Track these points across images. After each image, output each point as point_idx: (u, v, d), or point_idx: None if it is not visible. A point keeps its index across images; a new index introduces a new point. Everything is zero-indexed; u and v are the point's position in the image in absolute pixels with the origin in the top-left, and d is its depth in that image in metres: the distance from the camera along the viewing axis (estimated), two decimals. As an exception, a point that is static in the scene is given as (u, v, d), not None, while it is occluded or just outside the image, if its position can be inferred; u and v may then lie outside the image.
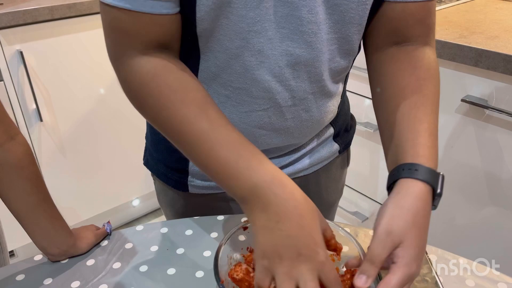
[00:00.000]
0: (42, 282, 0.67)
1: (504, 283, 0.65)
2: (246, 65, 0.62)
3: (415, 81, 0.64)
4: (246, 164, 0.54)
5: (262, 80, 0.63)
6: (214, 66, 0.63)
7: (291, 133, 0.72)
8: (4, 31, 1.53)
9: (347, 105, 0.85)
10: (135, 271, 0.68)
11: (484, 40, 1.22)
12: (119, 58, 0.59)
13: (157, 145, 0.81)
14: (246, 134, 0.68)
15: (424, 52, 0.66)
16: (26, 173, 0.65)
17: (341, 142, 0.84)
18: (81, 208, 1.95)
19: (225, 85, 0.65)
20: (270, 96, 0.65)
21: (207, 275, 0.67)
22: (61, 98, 1.74)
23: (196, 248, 0.73)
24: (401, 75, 0.65)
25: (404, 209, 0.54)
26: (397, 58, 0.66)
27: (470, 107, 1.26)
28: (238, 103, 0.66)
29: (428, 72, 0.65)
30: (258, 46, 0.60)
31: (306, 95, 0.67)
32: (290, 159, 0.78)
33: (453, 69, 1.27)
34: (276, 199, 0.52)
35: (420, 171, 0.56)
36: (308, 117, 0.71)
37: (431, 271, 0.66)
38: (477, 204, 1.37)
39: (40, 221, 0.67)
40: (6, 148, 0.64)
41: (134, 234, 0.76)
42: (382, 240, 0.52)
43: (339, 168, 0.88)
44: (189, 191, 0.80)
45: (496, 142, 1.25)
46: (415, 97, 0.62)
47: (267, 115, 0.68)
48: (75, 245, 0.71)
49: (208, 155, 0.56)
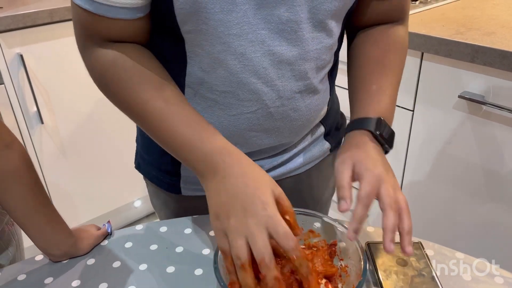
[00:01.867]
0: (44, 282, 0.67)
1: (501, 277, 0.66)
2: (230, 69, 0.62)
3: (380, 53, 0.72)
4: (198, 136, 0.58)
5: (247, 83, 0.64)
6: (199, 70, 0.64)
7: (282, 133, 0.72)
8: (4, 35, 1.54)
9: (336, 104, 0.86)
10: (135, 269, 0.69)
11: (481, 36, 1.22)
12: (84, 48, 0.63)
13: (148, 148, 0.81)
14: (236, 137, 0.70)
15: (395, 29, 0.74)
16: (24, 180, 0.66)
17: (332, 141, 0.84)
18: (82, 210, 1.96)
19: (211, 90, 0.66)
20: (257, 98, 0.66)
21: (206, 273, 0.68)
22: (61, 100, 1.75)
23: (195, 246, 0.73)
24: (369, 48, 0.73)
25: (348, 144, 0.64)
26: (369, 34, 0.74)
27: (468, 103, 1.27)
28: (226, 106, 0.67)
29: (393, 45, 0.73)
30: (240, 49, 0.61)
31: (293, 94, 0.68)
32: (282, 158, 0.79)
33: (450, 65, 1.27)
34: (224, 164, 0.56)
35: (362, 122, 0.65)
36: (297, 117, 0.71)
37: (428, 266, 0.67)
38: (476, 200, 1.38)
39: (40, 225, 0.68)
40: (2, 156, 0.64)
41: (134, 233, 0.77)
42: (339, 166, 0.60)
43: (331, 167, 0.89)
44: (182, 193, 0.81)
45: (494, 138, 1.26)
46: (375, 66, 0.71)
47: (255, 117, 0.68)
48: (75, 245, 0.71)
49: (165, 132, 0.60)
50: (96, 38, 0.61)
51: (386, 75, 0.70)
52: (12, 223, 0.84)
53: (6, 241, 0.82)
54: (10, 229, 0.82)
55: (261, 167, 0.76)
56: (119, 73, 0.61)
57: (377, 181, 0.57)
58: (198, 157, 0.58)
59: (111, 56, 0.61)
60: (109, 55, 0.61)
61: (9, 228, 0.82)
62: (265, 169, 0.78)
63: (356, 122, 0.66)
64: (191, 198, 0.81)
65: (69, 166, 1.86)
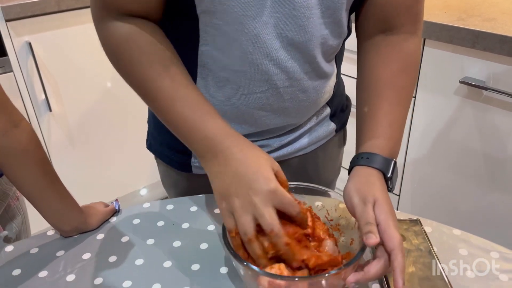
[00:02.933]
0: (55, 255, 0.70)
1: (497, 251, 0.67)
2: (244, 49, 0.64)
3: (389, 75, 0.69)
4: (200, 119, 0.60)
5: (259, 63, 0.66)
6: (213, 49, 0.66)
7: (289, 114, 0.74)
8: (13, 23, 1.56)
9: (342, 86, 0.88)
10: (142, 244, 0.72)
11: (481, 22, 1.23)
12: (99, 21, 0.64)
13: (160, 128, 0.83)
14: (246, 116, 0.72)
15: (406, 44, 0.70)
16: (32, 158, 0.68)
17: (337, 122, 0.86)
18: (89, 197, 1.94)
19: (224, 69, 0.67)
20: (267, 78, 0.68)
21: (211, 247, 0.70)
22: (69, 88, 1.77)
23: (201, 223, 0.76)
24: (377, 67, 0.70)
25: (363, 183, 0.61)
26: (379, 49, 0.71)
27: (468, 88, 1.28)
28: (237, 86, 0.69)
29: (404, 66, 0.70)
30: (254, 31, 0.63)
31: (301, 76, 0.70)
32: (289, 138, 0.81)
33: (451, 51, 1.28)
34: (222, 146, 0.59)
35: (374, 160, 0.63)
36: (305, 98, 0.73)
37: (426, 241, 0.68)
38: (476, 184, 1.39)
39: (50, 202, 0.70)
40: (10, 136, 0.66)
41: (141, 210, 0.80)
42: (363, 206, 0.59)
43: (336, 147, 0.91)
44: (192, 172, 0.83)
45: (495, 123, 1.27)
46: (385, 90, 0.68)
47: (265, 97, 0.70)
48: (85, 221, 0.74)
49: (169, 110, 0.62)
50: (112, 10, 0.62)
51: (399, 104, 0.68)
52: (17, 197, 0.86)
53: (11, 215, 0.84)
54: (15, 203, 0.85)
55: (269, 146, 0.79)
56: (132, 49, 0.62)
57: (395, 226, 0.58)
58: (198, 138, 0.60)
59: (126, 31, 0.62)
60: (125, 29, 0.62)
61: (14, 202, 0.85)
62: (272, 148, 0.80)
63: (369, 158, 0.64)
64: (201, 176, 0.82)
65: (76, 153, 1.88)
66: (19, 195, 0.88)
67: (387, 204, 0.59)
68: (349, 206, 0.61)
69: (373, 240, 0.55)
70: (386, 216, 0.57)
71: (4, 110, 0.66)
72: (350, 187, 0.61)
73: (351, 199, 0.60)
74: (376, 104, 0.68)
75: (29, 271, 0.67)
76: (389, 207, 0.59)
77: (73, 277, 0.66)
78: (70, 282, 0.65)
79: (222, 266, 0.66)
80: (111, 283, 0.65)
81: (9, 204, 0.84)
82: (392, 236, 0.56)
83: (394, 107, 0.68)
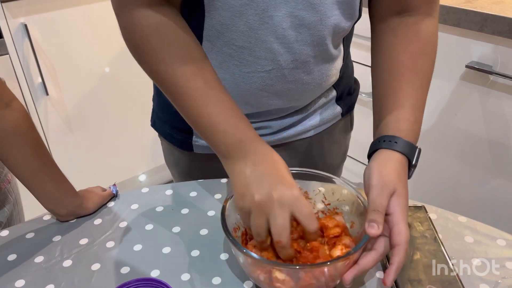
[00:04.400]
0: (51, 240, 0.69)
1: (503, 239, 0.66)
2: (250, 24, 0.62)
3: (409, 57, 0.67)
4: (235, 123, 0.59)
5: (265, 41, 0.64)
6: (218, 24, 0.64)
7: (292, 96, 0.73)
8: (8, 4, 1.53)
9: (350, 68, 0.86)
10: (141, 229, 0.70)
11: (490, 5, 1.21)
12: (122, 7, 0.60)
13: (163, 107, 0.83)
14: (248, 95, 0.70)
15: (424, 25, 0.67)
16: (24, 139, 0.66)
17: (343, 105, 0.84)
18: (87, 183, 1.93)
19: (229, 44, 0.66)
20: (272, 57, 0.66)
21: (211, 233, 0.69)
22: (66, 72, 1.75)
23: (200, 208, 0.74)
24: (396, 49, 0.68)
25: (387, 167, 0.59)
26: (396, 31, 0.68)
27: (475, 73, 1.26)
28: (241, 62, 0.67)
29: (423, 48, 0.67)
30: (262, 5, 0.61)
31: (308, 58, 0.68)
32: (292, 120, 0.79)
33: (458, 35, 1.26)
34: (256, 150, 0.58)
35: (399, 143, 0.61)
36: (309, 80, 0.71)
37: (430, 228, 0.67)
38: (482, 172, 1.38)
39: (45, 184, 0.69)
40: (1, 116, 0.63)
41: (140, 195, 0.78)
42: (380, 191, 0.57)
43: (342, 132, 0.89)
44: (194, 150, 0.82)
45: (501, 108, 1.25)
46: (406, 73, 0.66)
47: (269, 77, 0.68)
48: (82, 205, 0.72)
49: (200, 110, 0.60)
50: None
51: (421, 87, 0.67)
52: (8, 180, 0.85)
53: (2, 199, 0.83)
54: (6, 187, 0.83)
55: (270, 128, 0.78)
56: (161, 43, 0.59)
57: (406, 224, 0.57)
58: (230, 141, 0.59)
59: (154, 21, 0.59)
60: (152, 19, 0.59)
61: (5, 185, 0.83)
62: (273, 130, 0.79)
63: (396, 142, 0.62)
64: (203, 156, 0.82)
65: (74, 138, 1.87)
66: (11, 178, 0.86)
67: (405, 198, 0.58)
68: (366, 185, 0.59)
69: (374, 231, 0.54)
70: (401, 209, 0.56)
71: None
72: (373, 167, 0.60)
73: (370, 179, 0.58)
74: (397, 87, 0.66)
75: (24, 256, 0.66)
76: (406, 201, 0.58)
77: (70, 263, 0.65)
78: (67, 267, 0.64)
79: (222, 252, 0.65)
80: (109, 269, 0.64)
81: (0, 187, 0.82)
82: (402, 231, 0.55)
83: (417, 90, 0.66)
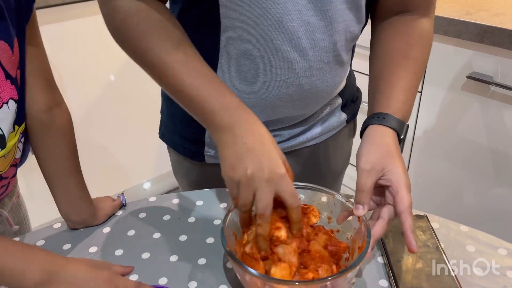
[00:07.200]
0: (62, 248, 0.70)
1: (504, 248, 0.67)
2: (266, 34, 0.64)
3: (404, 46, 0.71)
4: (217, 90, 0.60)
5: (281, 50, 0.66)
6: (235, 35, 0.66)
7: (307, 104, 0.75)
8: (17, 15, 1.55)
9: (353, 77, 0.88)
10: (149, 238, 0.72)
11: (490, 17, 1.22)
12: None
13: (174, 118, 0.84)
14: (265, 104, 0.72)
15: (420, 22, 0.72)
16: (66, 140, 0.70)
17: (348, 112, 0.87)
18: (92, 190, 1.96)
19: (245, 54, 0.67)
20: (288, 66, 0.68)
21: (217, 242, 0.70)
22: (72, 81, 1.76)
23: (207, 217, 0.75)
24: (392, 39, 0.72)
25: (376, 144, 0.63)
26: (394, 24, 0.73)
27: (475, 83, 1.27)
28: (258, 72, 0.69)
29: (418, 40, 0.72)
30: (277, 16, 0.62)
31: (322, 65, 0.70)
32: (301, 129, 0.81)
33: (459, 46, 1.27)
34: (241, 119, 0.59)
35: (387, 119, 0.65)
36: (324, 88, 0.73)
37: (433, 237, 0.68)
38: (483, 180, 1.39)
39: (69, 187, 0.72)
40: (54, 113, 0.68)
41: (147, 205, 0.80)
42: (365, 171, 0.61)
43: (347, 137, 0.92)
44: (205, 161, 0.83)
45: (502, 118, 1.26)
46: (400, 59, 0.70)
47: (285, 86, 0.70)
48: (94, 214, 0.74)
49: (183, 82, 0.60)
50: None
51: (413, 72, 0.69)
52: (18, 195, 0.85)
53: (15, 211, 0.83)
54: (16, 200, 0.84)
55: (281, 136, 0.80)
56: (143, 22, 0.61)
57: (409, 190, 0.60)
58: (214, 109, 0.59)
59: (135, 6, 0.61)
60: (134, 4, 0.61)
61: (16, 199, 0.83)
62: (284, 138, 0.81)
63: (385, 118, 0.66)
64: (214, 166, 0.82)
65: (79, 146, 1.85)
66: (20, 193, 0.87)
67: (400, 166, 0.60)
68: (357, 168, 0.62)
69: (359, 211, 0.59)
70: (397, 178, 0.59)
71: (51, 87, 0.69)
72: (362, 150, 0.63)
73: (359, 162, 0.62)
74: (390, 71, 0.70)
75: (35, 264, 0.67)
76: (402, 169, 0.61)
77: (80, 271, 0.66)
78: (77, 275, 0.65)
79: (227, 260, 0.66)
80: (118, 277, 0.65)
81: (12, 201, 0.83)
82: (403, 199, 0.58)
83: (409, 74, 0.69)
